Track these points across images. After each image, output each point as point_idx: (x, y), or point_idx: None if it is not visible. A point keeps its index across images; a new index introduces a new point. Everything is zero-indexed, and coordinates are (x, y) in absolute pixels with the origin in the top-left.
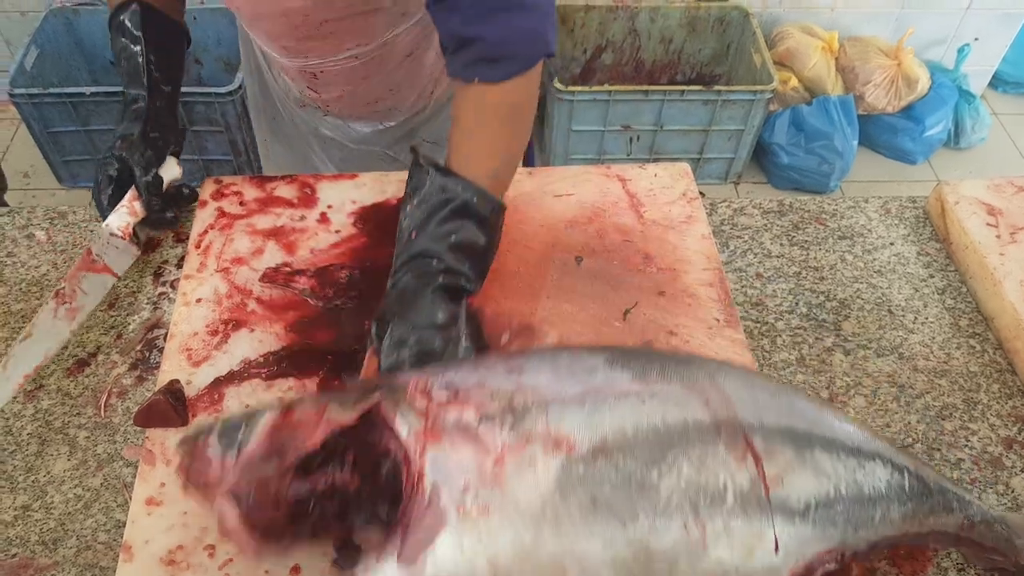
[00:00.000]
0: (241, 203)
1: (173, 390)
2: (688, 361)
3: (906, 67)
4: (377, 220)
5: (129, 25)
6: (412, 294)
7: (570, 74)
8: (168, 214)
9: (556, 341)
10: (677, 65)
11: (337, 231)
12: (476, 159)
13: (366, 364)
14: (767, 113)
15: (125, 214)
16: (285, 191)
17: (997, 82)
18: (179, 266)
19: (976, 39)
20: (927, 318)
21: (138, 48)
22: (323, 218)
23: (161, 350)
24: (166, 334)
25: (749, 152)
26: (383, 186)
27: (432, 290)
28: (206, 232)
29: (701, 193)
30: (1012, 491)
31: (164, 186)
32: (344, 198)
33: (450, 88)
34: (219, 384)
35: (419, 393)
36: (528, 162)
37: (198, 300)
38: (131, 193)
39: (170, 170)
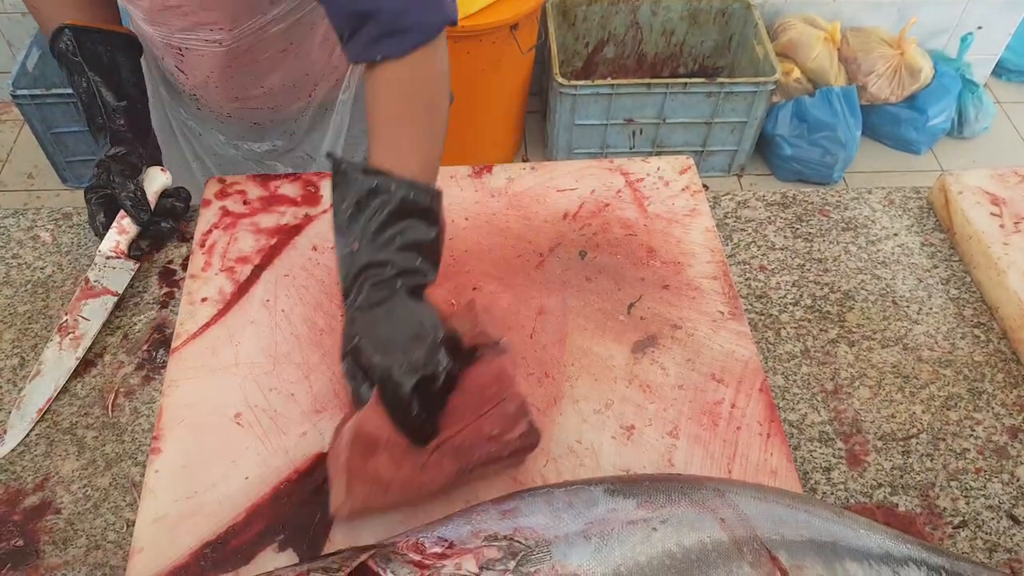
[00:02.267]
0: (245, 202)
1: None
2: (692, 481)
3: (909, 57)
4: None
5: (68, 54)
6: (379, 311)
7: (572, 68)
8: (164, 225)
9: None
10: (679, 58)
11: None
12: (400, 149)
13: (348, 414)
14: (770, 105)
15: (115, 234)
16: (289, 189)
17: (1000, 70)
18: (184, 266)
19: (979, 28)
20: (931, 308)
21: (83, 76)
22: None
23: (167, 349)
24: (172, 334)
25: (752, 144)
26: None
27: (397, 299)
28: (210, 231)
29: (705, 186)
30: (1017, 480)
31: (152, 196)
32: None
33: (345, 84)
34: None
35: (411, 549)
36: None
37: (203, 299)
38: (120, 213)
39: (155, 180)
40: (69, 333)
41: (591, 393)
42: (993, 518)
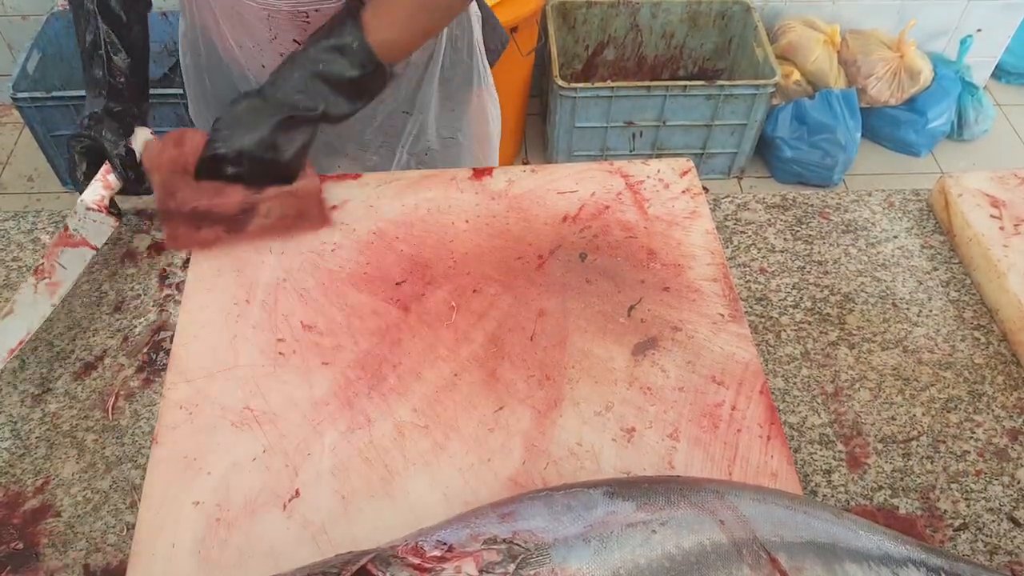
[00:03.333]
0: None
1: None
2: (692, 483)
3: (908, 59)
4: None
5: (83, 1)
6: (256, 102)
7: (572, 71)
8: (145, 184)
9: None
10: (679, 60)
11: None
12: (386, 20)
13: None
14: (770, 107)
15: (100, 187)
16: None
17: (1000, 73)
18: (184, 268)
19: (979, 30)
20: (931, 311)
21: (93, 24)
22: None
23: (167, 352)
24: (172, 336)
25: (752, 146)
26: (387, 186)
27: (270, 116)
28: None
29: (705, 188)
30: (1018, 482)
31: (137, 156)
32: (348, 197)
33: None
34: None
35: (410, 553)
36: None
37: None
38: (105, 167)
39: (141, 139)
40: (45, 277)
41: (591, 395)
42: (994, 520)
